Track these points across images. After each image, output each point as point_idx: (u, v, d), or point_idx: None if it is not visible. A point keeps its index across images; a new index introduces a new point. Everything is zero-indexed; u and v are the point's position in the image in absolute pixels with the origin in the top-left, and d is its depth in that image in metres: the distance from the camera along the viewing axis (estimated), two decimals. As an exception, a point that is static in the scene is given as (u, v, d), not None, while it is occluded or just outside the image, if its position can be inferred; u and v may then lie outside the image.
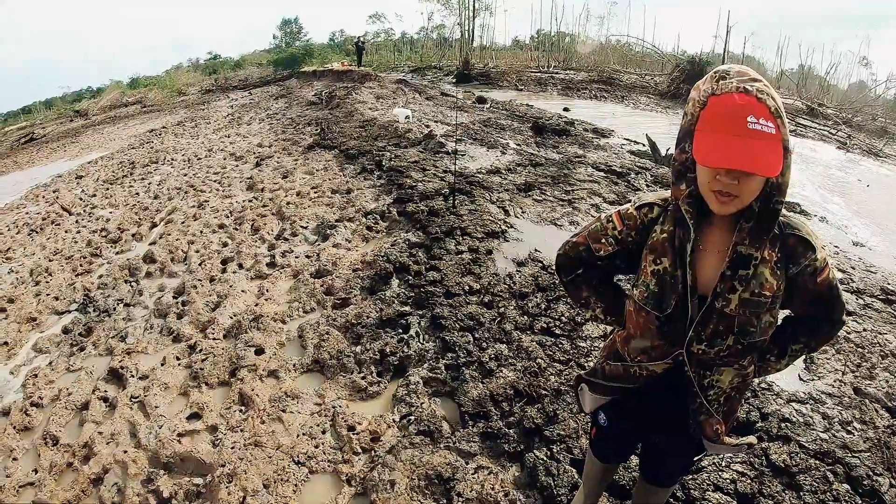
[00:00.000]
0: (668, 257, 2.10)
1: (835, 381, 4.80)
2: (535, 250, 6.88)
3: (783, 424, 4.20)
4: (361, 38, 45.80)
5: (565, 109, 20.26)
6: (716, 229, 2.05)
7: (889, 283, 6.71)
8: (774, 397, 4.48)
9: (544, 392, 4.47)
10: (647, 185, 10.04)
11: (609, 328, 2.63)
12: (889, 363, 5.12)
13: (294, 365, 5.18)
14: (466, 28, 47.46)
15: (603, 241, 2.33)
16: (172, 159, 16.09)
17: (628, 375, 2.35)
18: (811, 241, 2.01)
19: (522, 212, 8.22)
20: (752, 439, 2.39)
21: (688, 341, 2.10)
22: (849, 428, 4.25)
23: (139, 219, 10.52)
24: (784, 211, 1.99)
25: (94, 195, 13.33)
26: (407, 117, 15.37)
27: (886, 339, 5.43)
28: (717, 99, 1.84)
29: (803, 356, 2.73)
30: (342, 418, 4.44)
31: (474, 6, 46.78)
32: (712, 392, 2.18)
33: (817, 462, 3.88)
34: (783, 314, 2.19)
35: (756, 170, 1.72)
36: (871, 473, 3.80)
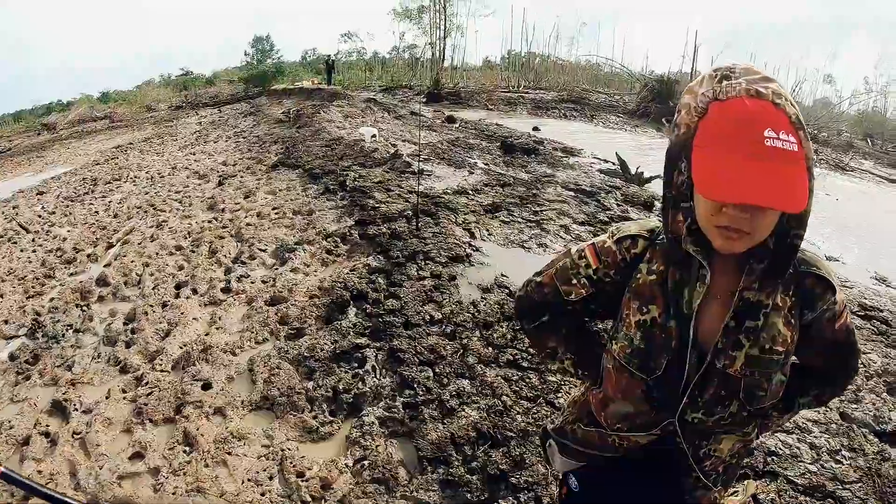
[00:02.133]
0: (657, 305, 1.70)
1: (820, 408, 4.58)
2: (502, 275, 6.61)
3: (769, 458, 3.97)
4: (331, 57, 45.90)
5: (535, 129, 20.29)
6: (716, 270, 1.63)
7: (866, 298, 6.61)
8: (757, 431, 4.26)
9: (510, 433, 4.16)
10: (618, 204, 9.92)
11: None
12: (874, 384, 4.95)
13: (242, 402, 4.84)
14: (438, 48, 47.76)
15: (574, 281, 1.89)
16: (135, 177, 15.77)
17: (605, 444, 1.94)
18: (831, 280, 1.65)
19: (489, 234, 7.98)
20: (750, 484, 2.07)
21: (681, 409, 1.72)
22: (837, 457, 4.06)
23: (96, 238, 10.17)
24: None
25: (54, 212, 12.97)
26: (374, 136, 15.19)
27: (870, 359, 5.27)
28: (721, 106, 1.42)
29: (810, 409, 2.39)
30: (291, 462, 4.12)
31: (446, 26, 47.14)
32: (709, 463, 1.80)
33: (807, 498, 3.68)
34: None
35: (780, 205, 1.35)
36: (862, 507, 3.59)
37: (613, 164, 13.90)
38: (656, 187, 11.64)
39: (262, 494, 3.91)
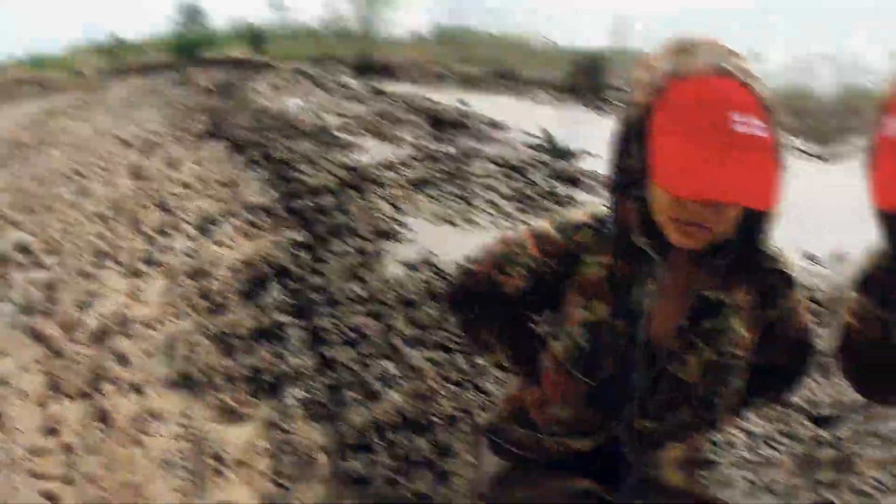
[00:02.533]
0: (604, 302, 1.50)
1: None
2: (430, 252, 6.57)
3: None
4: (259, 27, 45.39)
5: (463, 103, 20.21)
6: (671, 265, 1.44)
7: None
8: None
9: (436, 419, 4.12)
10: (545, 180, 9.98)
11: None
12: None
13: (159, 379, 4.72)
14: (367, 20, 47.39)
15: (511, 271, 1.64)
16: (61, 142, 15.31)
17: (542, 449, 1.72)
18: (791, 274, 1.51)
19: (417, 209, 7.94)
20: None
21: (628, 416, 1.53)
22: (772, 444, 4.08)
23: (20, 205, 9.87)
24: None
25: (-24, 178, 12.54)
26: (301, 107, 14.99)
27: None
28: (682, 84, 1.22)
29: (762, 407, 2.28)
30: (208, 444, 4.04)
31: (375, -3, 46.75)
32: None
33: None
34: None
35: (749, 201, 1.19)
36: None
37: (540, 139, 13.95)
38: (583, 163, 11.72)
39: (177, 476, 3.83)
